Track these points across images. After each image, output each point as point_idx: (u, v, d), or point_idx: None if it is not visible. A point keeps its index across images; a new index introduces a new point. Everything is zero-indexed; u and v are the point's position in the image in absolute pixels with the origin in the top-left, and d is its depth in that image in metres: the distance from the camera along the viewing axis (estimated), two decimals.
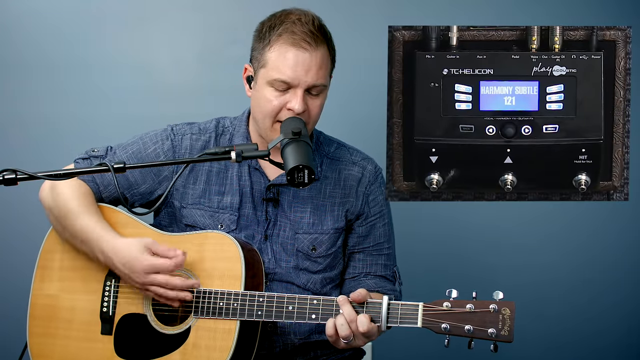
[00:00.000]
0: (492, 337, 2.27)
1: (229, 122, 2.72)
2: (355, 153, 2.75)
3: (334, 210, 2.67)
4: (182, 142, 2.67)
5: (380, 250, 2.72)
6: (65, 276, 2.62)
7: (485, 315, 2.29)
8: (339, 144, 2.76)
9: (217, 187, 2.66)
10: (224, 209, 2.64)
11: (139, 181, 2.65)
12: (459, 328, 2.29)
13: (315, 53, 2.52)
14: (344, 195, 2.68)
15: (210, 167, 2.67)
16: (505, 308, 2.29)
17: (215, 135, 2.69)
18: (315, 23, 2.53)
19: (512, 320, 2.28)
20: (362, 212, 2.70)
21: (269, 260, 2.62)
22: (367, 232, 2.71)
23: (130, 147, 2.67)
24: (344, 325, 2.37)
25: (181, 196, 2.65)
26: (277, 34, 2.51)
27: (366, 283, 2.68)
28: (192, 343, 2.49)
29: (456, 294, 2.32)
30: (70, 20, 3.42)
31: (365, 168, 2.73)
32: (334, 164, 2.71)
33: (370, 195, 2.71)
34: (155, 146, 2.67)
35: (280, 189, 2.65)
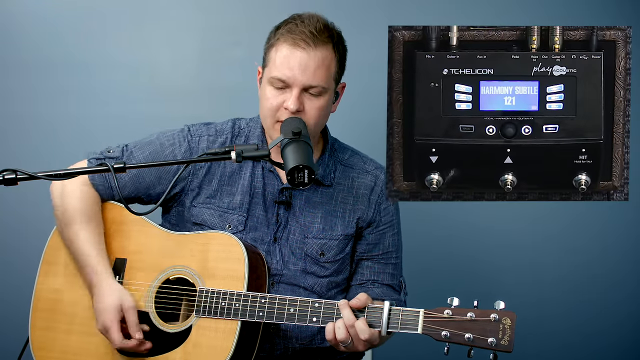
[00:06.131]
0: (491, 347, 2.27)
1: (245, 124, 2.73)
2: (368, 162, 2.76)
3: (345, 217, 2.68)
4: (199, 143, 2.68)
5: (389, 260, 2.73)
6: (70, 272, 2.63)
7: (485, 324, 2.29)
8: (353, 151, 2.78)
9: (229, 188, 2.66)
10: (233, 210, 2.64)
11: (155, 182, 2.65)
12: (459, 336, 2.29)
13: (314, 53, 2.52)
14: (355, 202, 2.69)
15: (224, 167, 2.67)
16: (506, 318, 2.29)
17: (231, 137, 2.70)
18: (318, 25, 2.54)
19: (513, 330, 2.28)
20: (374, 220, 2.71)
21: (277, 262, 2.62)
22: (377, 240, 2.71)
23: (147, 148, 2.68)
24: (340, 329, 2.37)
25: (195, 196, 2.66)
26: (280, 34, 2.54)
27: (373, 291, 2.69)
28: (193, 342, 2.49)
29: (457, 302, 2.32)
30: (69, 20, 3.42)
31: (378, 177, 2.74)
32: (347, 171, 2.72)
33: (382, 204, 2.72)
34: (173, 147, 2.67)
35: (292, 192, 2.65)
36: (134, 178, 2.64)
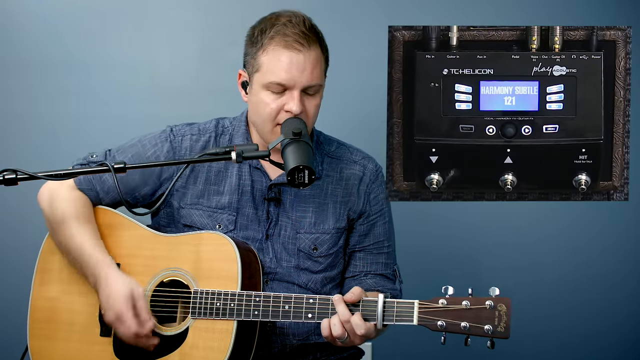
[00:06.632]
0: (488, 334, 2.27)
1: (229, 123, 2.72)
2: (355, 152, 2.75)
3: (336, 209, 2.67)
4: (182, 143, 2.67)
5: (381, 249, 2.72)
6: (64, 278, 2.62)
7: (481, 311, 2.28)
8: (339, 143, 2.76)
9: (217, 187, 2.65)
10: (222, 209, 2.63)
11: (140, 184, 2.64)
12: (455, 325, 2.29)
13: (309, 53, 2.52)
14: (345, 194, 2.68)
15: (209, 167, 2.66)
16: (501, 304, 2.29)
17: (215, 136, 2.69)
18: (306, 23, 2.53)
19: (509, 316, 2.28)
20: (364, 211, 2.70)
21: (270, 259, 2.62)
22: (368, 231, 2.71)
23: (129, 150, 2.67)
24: (336, 325, 2.37)
25: (181, 196, 2.65)
26: (269, 37, 2.51)
27: (366, 282, 2.68)
28: (190, 344, 2.49)
29: (452, 291, 2.32)
30: (69, 20, 3.42)
31: (366, 167, 2.72)
32: (334, 163, 2.70)
33: (372, 193, 2.71)
34: (155, 149, 2.66)
35: (282, 188, 2.65)
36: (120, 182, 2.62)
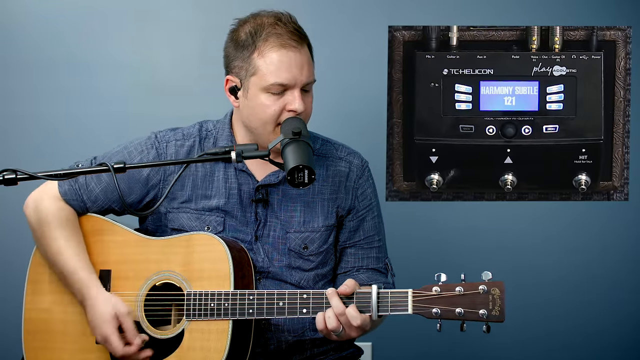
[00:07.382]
0: (483, 318, 2.27)
1: (212, 126, 2.71)
2: (340, 148, 2.73)
3: (325, 207, 2.66)
4: (167, 149, 2.66)
5: (371, 244, 2.72)
6: (56, 289, 2.61)
7: (475, 296, 2.28)
8: (324, 140, 2.75)
9: (203, 191, 2.64)
10: (210, 211, 2.63)
11: (126, 192, 2.63)
12: (450, 312, 2.29)
13: (304, 50, 2.52)
14: (333, 191, 2.68)
15: (196, 171, 2.65)
16: (494, 288, 2.28)
17: (199, 140, 2.68)
18: (292, 20, 2.54)
19: (503, 299, 2.27)
20: (353, 207, 2.69)
21: (263, 259, 2.62)
22: (357, 226, 2.70)
23: (115, 157, 2.65)
24: (330, 318, 2.37)
25: (168, 202, 2.64)
26: (262, 39, 2.50)
27: (359, 277, 2.68)
28: (186, 346, 2.48)
29: (445, 278, 2.32)
30: (71, 20, 3.42)
31: (351, 163, 2.71)
32: (321, 161, 2.69)
33: (359, 189, 2.70)
34: (141, 156, 2.65)
35: (269, 189, 2.65)
36: (105, 189, 2.62)
